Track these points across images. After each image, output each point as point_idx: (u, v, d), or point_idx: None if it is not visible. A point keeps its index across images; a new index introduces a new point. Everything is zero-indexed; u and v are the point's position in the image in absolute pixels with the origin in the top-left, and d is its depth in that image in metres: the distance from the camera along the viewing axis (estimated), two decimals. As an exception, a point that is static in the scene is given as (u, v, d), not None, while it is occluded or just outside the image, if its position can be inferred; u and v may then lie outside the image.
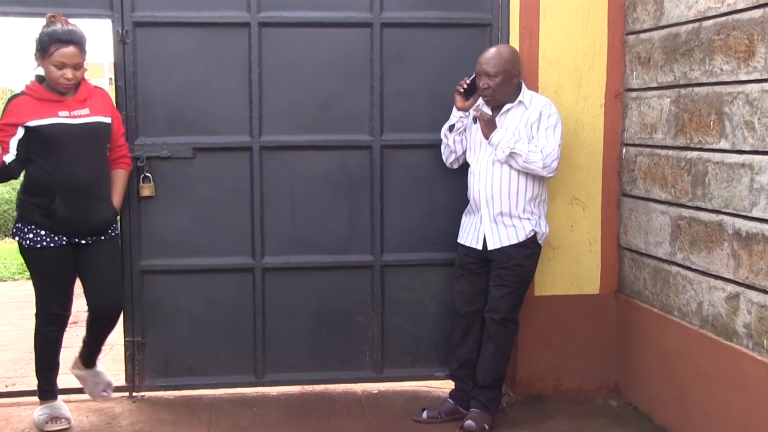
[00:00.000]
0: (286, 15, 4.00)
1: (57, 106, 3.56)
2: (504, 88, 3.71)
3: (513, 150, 3.62)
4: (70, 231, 3.61)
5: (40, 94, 3.58)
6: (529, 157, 3.62)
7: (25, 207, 3.61)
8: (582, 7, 4.05)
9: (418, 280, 4.22)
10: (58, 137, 3.54)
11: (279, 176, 4.08)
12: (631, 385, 4.10)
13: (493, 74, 3.68)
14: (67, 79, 3.52)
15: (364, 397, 4.22)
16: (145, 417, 3.92)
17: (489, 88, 3.70)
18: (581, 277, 4.20)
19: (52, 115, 3.54)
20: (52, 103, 3.57)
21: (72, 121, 3.57)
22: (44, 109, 3.54)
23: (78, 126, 3.58)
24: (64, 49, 3.50)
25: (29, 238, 3.58)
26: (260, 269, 4.11)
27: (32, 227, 3.57)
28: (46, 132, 3.53)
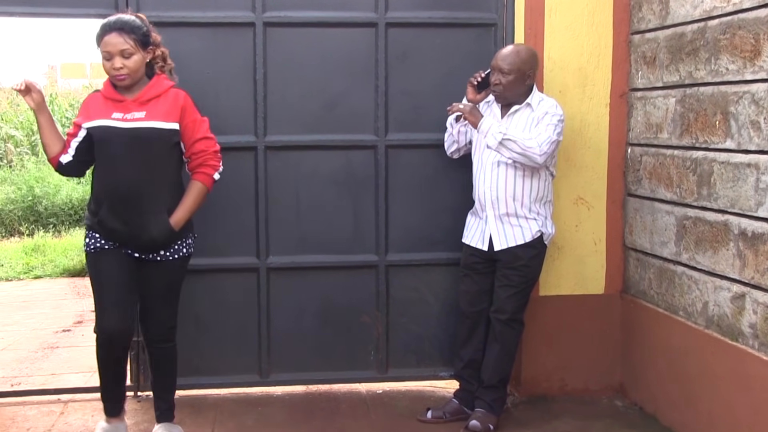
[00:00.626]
0: (291, 15, 4.00)
1: (114, 107, 3.33)
2: (515, 87, 3.70)
3: (505, 136, 3.57)
4: (117, 241, 3.38)
5: (108, 92, 3.37)
6: (525, 143, 3.57)
7: (87, 210, 3.47)
8: (587, 7, 4.05)
9: (423, 279, 4.22)
10: (104, 141, 3.31)
11: (284, 176, 4.08)
12: (636, 385, 4.10)
13: (506, 71, 3.68)
14: (116, 69, 3.29)
15: (369, 397, 4.22)
16: (150, 417, 3.91)
17: (500, 84, 3.69)
18: (586, 277, 4.20)
19: (105, 116, 3.31)
20: (113, 103, 3.33)
21: (121, 125, 3.30)
22: (103, 110, 3.33)
23: (126, 130, 3.30)
24: (107, 37, 3.29)
25: (86, 243, 3.41)
26: (265, 269, 4.11)
27: (90, 231, 3.39)
28: (94, 135, 3.33)
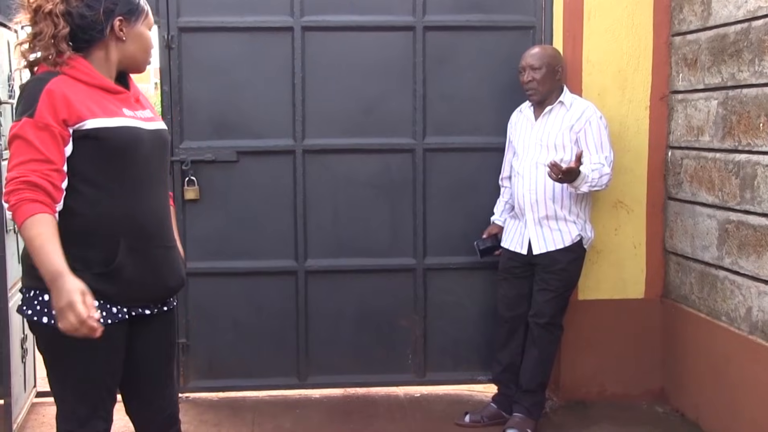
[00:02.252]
0: (329, 19, 4.02)
1: (118, 101, 2.32)
2: (547, 81, 3.69)
3: (592, 183, 3.58)
4: (135, 299, 2.33)
5: (96, 79, 2.28)
6: (602, 182, 3.62)
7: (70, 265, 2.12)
8: (627, 9, 4.01)
9: (461, 283, 4.20)
10: (132, 148, 2.28)
11: (322, 179, 4.09)
12: (677, 391, 4.05)
13: (537, 66, 3.68)
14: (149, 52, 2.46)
15: (407, 400, 4.22)
16: (190, 418, 3.96)
17: (534, 81, 3.69)
18: (626, 281, 4.16)
19: (117, 113, 2.28)
20: (112, 95, 2.32)
21: (145, 125, 2.34)
22: (105, 103, 2.27)
23: (152, 133, 2.36)
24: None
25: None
26: (303, 272, 4.13)
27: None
28: (116, 139, 2.24)
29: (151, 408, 2.48)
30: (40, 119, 2.13)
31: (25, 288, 2.28)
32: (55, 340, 2.18)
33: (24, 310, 2.26)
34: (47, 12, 2.22)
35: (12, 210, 2.10)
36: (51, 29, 2.22)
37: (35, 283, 2.20)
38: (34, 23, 2.25)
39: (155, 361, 2.48)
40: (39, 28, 2.23)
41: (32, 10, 2.24)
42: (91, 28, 2.28)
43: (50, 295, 2.08)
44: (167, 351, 2.53)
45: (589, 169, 3.58)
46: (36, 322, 2.24)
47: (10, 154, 2.14)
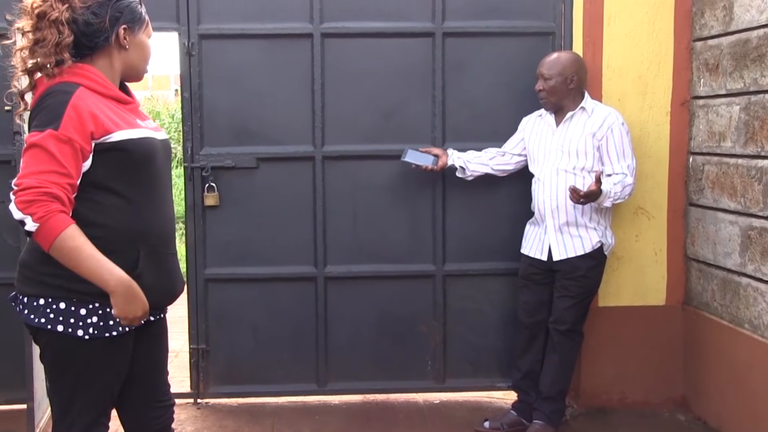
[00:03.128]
0: (349, 26, 4.03)
1: (129, 111, 2.36)
2: (557, 91, 3.69)
3: (616, 196, 3.59)
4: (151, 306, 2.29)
5: (109, 89, 2.31)
6: (625, 193, 3.64)
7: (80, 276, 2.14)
8: (647, 14, 3.99)
9: (480, 289, 4.19)
10: (151, 159, 2.33)
11: (341, 186, 4.10)
12: (699, 399, 4.01)
13: (547, 76, 3.68)
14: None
15: (426, 407, 4.21)
16: (209, 423, 3.97)
17: (543, 90, 3.69)
18: (647, 288, 4.13)
19: (135, 124, 2.32)
20: (123, 105, 2.35)
21: (156, 135, 2.38)
22: (122, 114, 2.30)
23: (162, 143, 2.41)
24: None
25: (92, 324, 2.22)
26: (322, 278, 4.13)
27: (96, 306, 2.21)
28: (138, 150, 2.28)
29: (147, 417, 2.49)
30: (64, 133, 2.12)
31: (28, 296, 2.25)
32: (68, 348, 2.23)
33: (31, 318, 2.23)
34: (53, 19, 2.20)
35: (40, 221, 2.07)
36: (55, 37, 2.20)
37: (45, 291, 2.22)
38: (36, 29, 2.22)
39: (153, 369, 2.50)
40: (42, 35, 2.20)
41: (35, 16, 2.21)
42: (97, 36, 2.28)
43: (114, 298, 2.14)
44: (164, 358, 2.55)
45: (611, 183, 3.58)
46: (49, 331, 2.22)
47: (25, 161, 2.12)
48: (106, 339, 2.24)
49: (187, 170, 4.05)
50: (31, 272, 2.25)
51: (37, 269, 2.23)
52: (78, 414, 2.29)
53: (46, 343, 2.27)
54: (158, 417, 2.51)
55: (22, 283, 2.28)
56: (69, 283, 2.18)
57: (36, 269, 2.23)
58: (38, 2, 2.22)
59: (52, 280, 2.19)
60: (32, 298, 2.24)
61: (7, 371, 4.01)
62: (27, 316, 2.25)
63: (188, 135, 4.03)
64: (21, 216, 2.08)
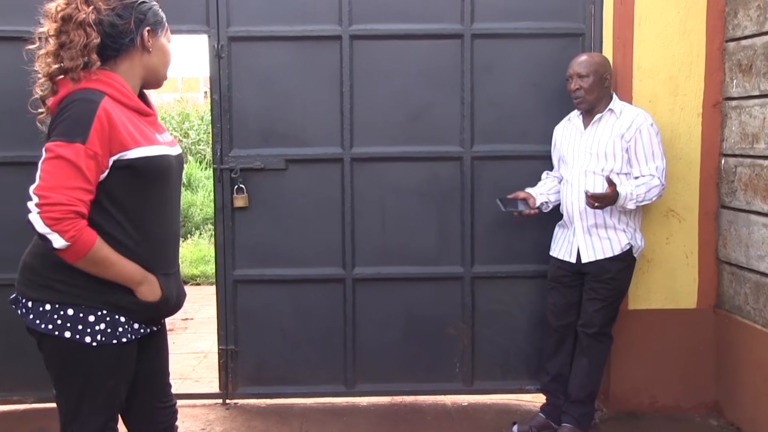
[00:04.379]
0: (377, 27, 4.03)
1: (149, 124, 2.36)
2: (595, 89, 3.67)
3: (638, 198, 3.57)
4: (160, 316, 2.42)
5: (132, 100, 2.31)
6: (651, 195, 3.60)
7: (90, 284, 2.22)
8: (678, 15, 3.95)
9: (509, 292, 4.18)
10: (166, 176, 2.34)
11: (370, 187, 4.11)
12: (733, 404, 3.96)
13: (584, 74, 3.66)
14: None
15: (454, 409, 4.20)
16: (238, 424, 3.99)
17: (581, 89, 3.67)
18: (677, 291, 4.09)
19: (153, 140, 2.31)
20: (144, 118, 2.35)
21: (171, 151, 2.38)
22: (142, 129, 2.29)
23: (176, 159, 2.41)
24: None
25: (100, 331, 2.24)
26: (351, 280, 4.14)
27: (104, 313, 2.24)
28: (154, 168, 2.28)
29: (151, 419, 2.50)
30: (91, 147, 2.12)
31: (33, 300, 2.24)
32: (76, 355, 2.24)
33: (36, 324, 2.23)
34: (80, 21, 2.19)
35: (71, 240, 2.09)
36: (83, 39, 2.19)
37: (52, 296, 2.22)
38: (61, 33, 2.20)
39: (156, 372, 2.51)
40: (69, 38, 2.19)
41: (60, 19, 2.20)
42: (122, 38, 2.28)
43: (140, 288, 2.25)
44: (165, 361, 2.57)
45: (632, 186, 3.55)
46: (56, 337, 2.22)
47: (50, 172, 2.10)
48: (114, 345, 2.25)
49: (216, 172, 4.08)
50: (37, 276, 2.24)
51: (44, 274, 2.23)
52: (86, 420, 2.29)
53: (53, 350, 2.26)
54: (162, 417, 2.53)
55: (26, 287, 2.27)
56: (78, 290, 2.21)
57: (43, 274, 2.23)
58: (62, 5, 2.22)
59: (61, 287, 2.21)
60: (38, 302, 2.23)
61: (37, 370, 4.05)
62: (32, 321, 2.24)
63: (217, 137, 4.05)
64: (47, 231, 2.08)
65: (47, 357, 2.29)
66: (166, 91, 19.50)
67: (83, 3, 2.22)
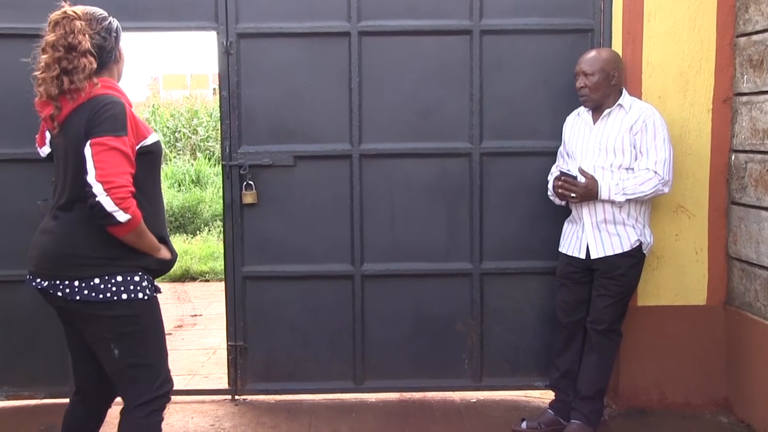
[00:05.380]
0: (386, 24, 4.03)
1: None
2: (600, 88, 3.66)
3: (626, 190, 3.56)
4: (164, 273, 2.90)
5: (128, 99, 2.75)
6: (644, 188, 3.57)
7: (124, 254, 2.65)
8: (689, 10, 3.94)
9: (518, 288, 4.17)
10: (161, 158, 2.87)
11: (378, 184, 4.10)
12: (743, 401, 3.94)
13: (589, 73, 3.65)
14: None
15: (463, 405, 4.20)
16: (247, 420, 4.00)
17: (585, 87, 3.66)
18: (687, 287, 4.07)
19: (150, 129, 2.78)
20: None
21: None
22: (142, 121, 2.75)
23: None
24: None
25: (145, 287, 2.70)
26: (360, 276, 4.14)
27: (141, 274, 2.70)
28: (158, 151, 2.79)
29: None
30: (130, 139, 2.58)
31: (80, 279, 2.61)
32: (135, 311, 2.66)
33: (93, 297, 2.61)
34: (83, 50, 2.60)
35: (131, 213, 2.53)
36: (88, 65, 2.60)
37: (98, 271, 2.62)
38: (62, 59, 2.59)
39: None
40: (73, 65, 2.59)
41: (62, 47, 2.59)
42: (108, 55, 2.72)
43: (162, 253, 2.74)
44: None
45: (619, 178, 3.58)
46: (115, 302, 2.62)
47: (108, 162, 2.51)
48: (154, 297, 2.74)
49: (225, 168, 4.08)
50: (81, 259, 2.62)
51: (88, 255, 2.62)
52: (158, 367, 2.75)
53: (112, 315, 2.64)
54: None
55: (70, 270, 2.62)
56: (119, 260, 2.64)
57: (87, 255, 2.62)
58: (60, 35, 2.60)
59: (104, 262, 2.62)
60: (86, 279, 2.61)
61: (48, 366, 4.09)
62: (87, 295, 2.61)
63: (226, 133, 4.06)
64: (114, 209, 2.50)
65: (105, 323, 2.66)
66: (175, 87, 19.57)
67: (80, 33, 2.62)
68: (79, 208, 2.63)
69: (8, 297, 4.05)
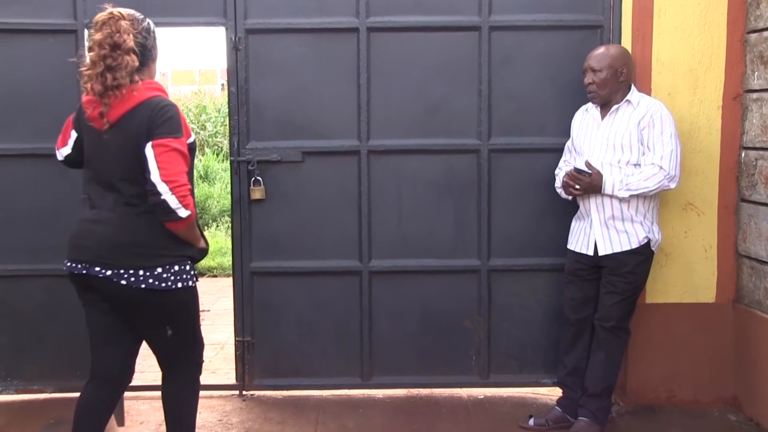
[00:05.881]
0: (395, 20, 4.02)
1: None
2: (608, 84, 3.65)
3: (629, 186, 3.56)
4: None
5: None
6: (649, 184, 3.56)
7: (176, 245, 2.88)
8: (699, 6, 3.92)
9: (526, 285, 4.17)
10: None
11: (386, 180, 4.10)
12: (752, 399, 3.93)
13: (597, 69, 3.64)
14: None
15: (470, 402, 4.20)
16: (255, 415, 4.01)
17: (593, 83, 3.66)
18: (696, 285, 4.06)
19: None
20: None
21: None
22: None
23: None
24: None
25: (192, 276, 2.97)
26: (367, 272, 4.14)
27: (189, 263, 2.95)
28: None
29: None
30: (185, 139, 2.82)
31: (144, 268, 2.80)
32: (188, 297, 2.94)
33: (156, 285, 2.82)
34: (127, 48, 2.75)
35: (190, 209, 2.77)
36: (132, 62, 2.75)
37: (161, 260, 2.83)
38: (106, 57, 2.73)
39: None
40: (117, 62, 2.73)
41: (108, 45, 2.73)
42: (149, 54, 2.89)
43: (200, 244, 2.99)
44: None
45: (624, 174, 3.57)
46: (173, 290, 2.85)
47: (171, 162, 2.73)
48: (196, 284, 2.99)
49: (233, 164, 4.09)
50: (146, 249, 2.82)
51: (152, 246, 2.83)
52: (198, 345, 3.09)
53: (170, 301, 2.88)
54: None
55: (137, 260, 2.81)
56: (174, 251, 2.87)
57: (151, 246, 2.83)
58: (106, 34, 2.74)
59: (164, 252, 2.84)
60: (150, 269, 2.81)
61: (57, 360, 4.10)
62: (151, 283, 2.81)
63: (234, 129, 4.06)
64: (177, 206, 2.73)
65: (164, 309, 2.91)
66: (183, 83, 19.61)
67: (125, 32, 2.76)
68: (137, 201, 2.80)
69: (17, 291, 4.06)
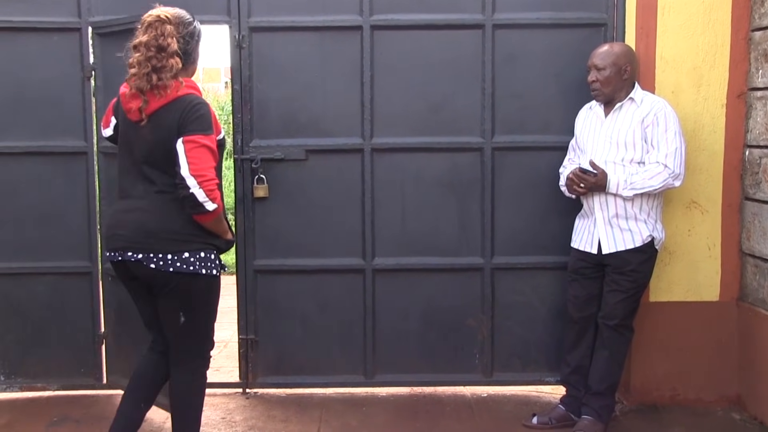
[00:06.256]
0: (398, 18, 4.02)
1: None
2: (612, 82, 3.65)
3: (633, 185, 3.56)
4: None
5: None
6: (653, 182, 3.56)
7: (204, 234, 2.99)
8: (703, 4, 3.91)
9: (529, 283, 4.16)
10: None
11: (390, 178, 4.10)
12: (756, 398, 3.92)
13: (601, 67, 3.64)
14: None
15: (474, 400, 4.20)
16: (258, 413, 4.01)
17: (596, 81, 3.65)
18: (700, 283, 4.05)
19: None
20: None
21: None
22: None
23: None
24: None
25: (217, 265, 3.05)
26: (371, 270, 4.14)
27: (214, 253, 3.05)
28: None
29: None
30: (215, 136, 2.94)
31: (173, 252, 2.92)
32: (208, 284, 3.02)
33: (184, 268, 2.92)
34: (172, 51, 2.88)
35: (217, 203, 2.88)
36: (176, 64, 2.88)
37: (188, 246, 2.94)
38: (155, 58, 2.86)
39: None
40: (162, 63, 2.87)
41: (154, 48, 2.87)
42: (190, 57, 3.01)
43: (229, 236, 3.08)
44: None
45: (628, 173, 3.57)
46: (197, 275, 2.95)
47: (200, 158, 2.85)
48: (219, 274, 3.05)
49: (237, 162, 4.09)
50: (176, 235, 2.93)
51: (182, 232, 2.93)
52: (210, 336, 3.14)
53: (192, 285, 2.97)
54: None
55: (167, 244, 2.93)
56: (202, 239, 2.97)
57: (181, 232, 2.93)
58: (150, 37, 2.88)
59: (193, 238, 2.95)
60: (178, 253, 2.93)
61: (61, 358, 4.11)
62: (179, 267, 2.92)
63: (238, 127, 4.06)
64: (205, 199, 2.84)
65: (184, 293, 2.98)
66: (187, 81, 19.47)
67: (169, 36, 2.89)
68: (168, 189, 2.92)
69: (22, 289, 4.08)
